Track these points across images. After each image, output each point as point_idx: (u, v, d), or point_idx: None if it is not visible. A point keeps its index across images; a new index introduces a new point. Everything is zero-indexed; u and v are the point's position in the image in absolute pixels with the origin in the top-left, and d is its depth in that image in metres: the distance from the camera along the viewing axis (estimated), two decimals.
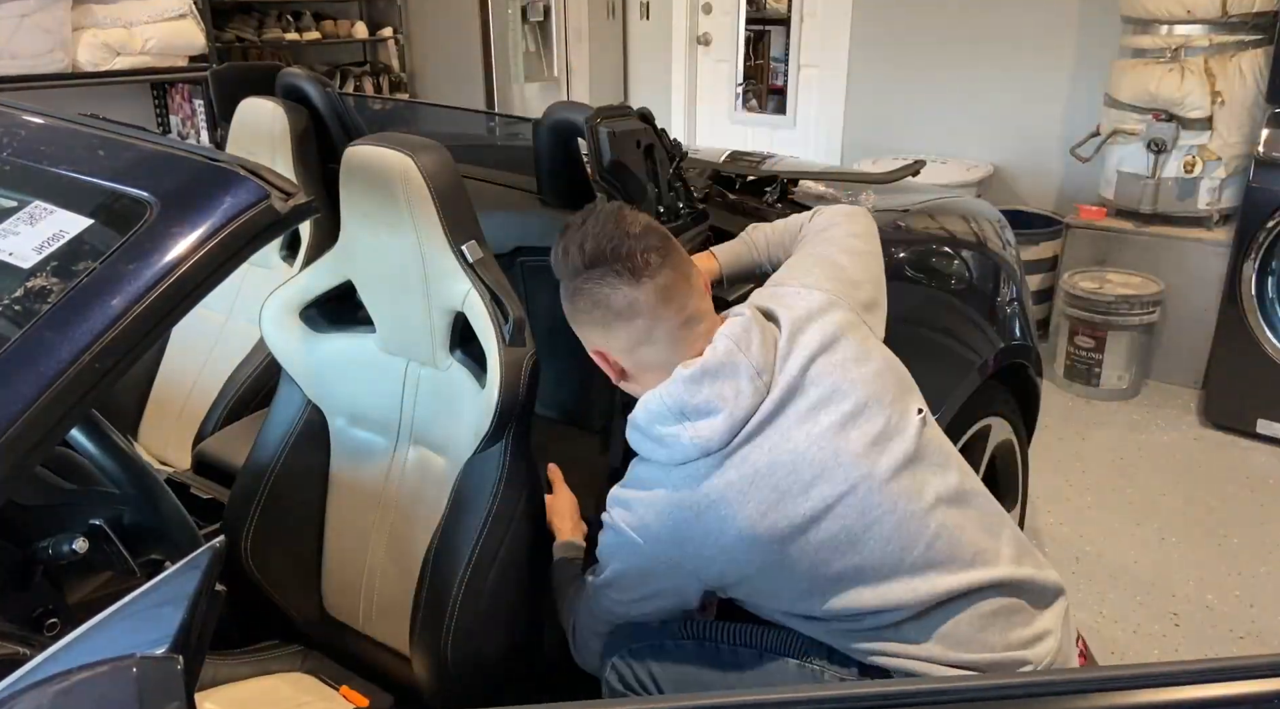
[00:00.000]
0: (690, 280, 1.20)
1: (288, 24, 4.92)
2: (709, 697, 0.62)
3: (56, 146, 1.13)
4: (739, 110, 5.31)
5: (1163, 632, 2.35)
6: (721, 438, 1.14)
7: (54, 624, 1.14)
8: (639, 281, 1.15)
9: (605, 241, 1.16)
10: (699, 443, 1.15)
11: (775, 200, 1.89)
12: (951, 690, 0.62)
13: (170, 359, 2.21)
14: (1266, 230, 3.09)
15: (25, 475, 0.89)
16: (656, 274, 1.15)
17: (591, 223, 1.18)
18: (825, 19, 4.72)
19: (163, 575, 0.78)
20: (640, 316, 1.16)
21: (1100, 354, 3.53)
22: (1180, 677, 0.58)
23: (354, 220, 1.41)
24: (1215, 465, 3.13)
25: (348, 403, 1.52)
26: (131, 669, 0.62)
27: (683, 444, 1.15)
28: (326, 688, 1.50)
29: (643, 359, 1.20)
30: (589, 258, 1.16)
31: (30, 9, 3.67)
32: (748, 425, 1.15)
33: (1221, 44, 3.33)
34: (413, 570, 1.45)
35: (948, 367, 1.95)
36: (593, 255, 1.16)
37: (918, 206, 2.08)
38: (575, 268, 1.18)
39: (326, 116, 2.07)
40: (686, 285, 1.18)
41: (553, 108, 1.63)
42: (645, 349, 1.19)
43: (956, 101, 4.39)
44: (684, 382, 1.15)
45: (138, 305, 0.91)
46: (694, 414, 1.15)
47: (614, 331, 1.19)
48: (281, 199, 0.99)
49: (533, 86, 5.31)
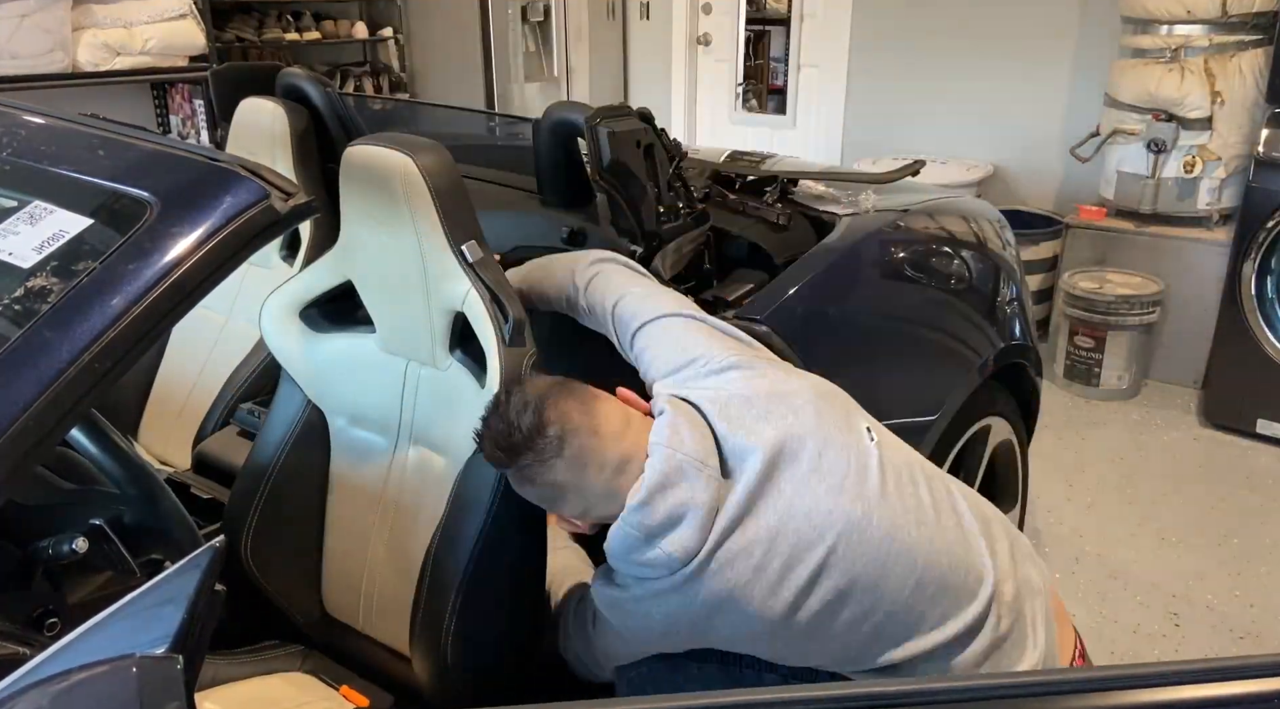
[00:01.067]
0: (598, 434, 1.17)
1: (288, 24, 4.92)
2: (708, 696, 0.61)
3: (57, 146, 1.13)
4: (739, 110, 5.31)
5: (1163, 632, 2.35)
6: (698, 540, 1.13)
7: (54, 624, 1.14)
8: (548, 464, 1.16)
9: (502, 441, 1.18)
10: (679, 554, 1.14)
11: (775, 200, 1.89)
12: (952, 690, 0.62)
13: (170, 359, 2.21)
14: (1266, 230, 3.09)
15: (25, 475, 0.89)
16: (562, 448, 1.16)
17: (495, 419, 1.19)
18: (825, 19, 4.72)
19: (163, 575, 0.78)
20: (568, 490, 1.18)
21: (1100, 354, 3.53)
22: (1180, 677, 0.58)
23: (354, 220, 1.40)
24: (1215, 465, 3.13)
25: (348, 403, 1.52)
26: (131, 669, 0.62)
27: (664, 559, 1.15)
28: (326, 688, 1.50)
29: (599, 515, 1.21)
30: (499, 459, 1.20)
31: (30, 9, 3.67)
32: (720, 518, 1.14)
33: (1221, 44, 3.33)
34: (413, 570, 1.44)
35: (947, 367, 1.95)
36: (501, 458, 1.19)
37: (917, 206, 2.08)
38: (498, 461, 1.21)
39: (326, 116, 2.07)
40: (596, 440, 1.17)
41: (552, 108, 1.63)
42: (595, 511, 1.21)
43: (956, 101, 4.39)
44: (637, 509, 1.15)
45: (138, 305, 0.91)
46: (661, 532, 1.14)
47: (558, 506, 1.23)
48: (281, 199, 0.99)
49: (533, 86, 5.31)
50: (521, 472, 1.19)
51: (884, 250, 1.91)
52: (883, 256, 1.90)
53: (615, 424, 1.19)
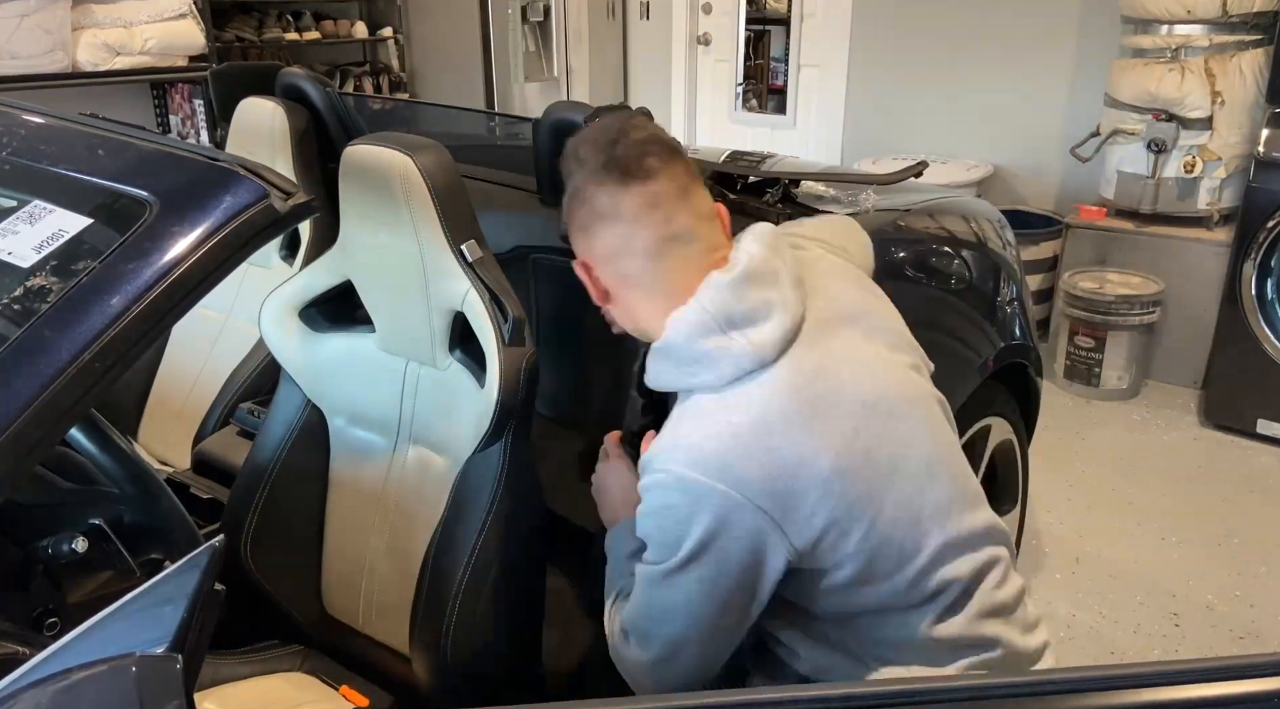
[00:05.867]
0: (688, 197, 1.09)
1: (288, 24, 4.92)
2: (707, 695, 0.61)
3: (56, 146, 1.13)
4: (739, 110, 5.31)
5: (1163, 632, 2.35)
6: (778, 344, 1.04)
7: (54, 623, 1.14)
8: (626, 185, 1.06)
9: (603, 140, 1.08)
10: (753, 352, 1.03)
11: (777, 200, 1.89)
12: (952, 689, 0.62)
13: (170, 359, 2.21)
14: (1266, 230, 3.09)
15: (25, 475, 0.89)
16: (648, 180, 1.06)
17: (600, 121, 1.12)
18: (825, 19, 4.72)
19: (162, 574, 0.78)
20: (621, 222, 1.07)
21: (1100, 354, 3.53)
22: (1180, 676, 0.58)
23: (353, 220, 1.41)
24: (1215, 465, 3.13)
25: (347, 402, 1.52)
26: (131, 668, 0.62)
27: (734, 355, 1.03)
28: (326, 688, 1.50)
29: (623, 271, 1.11)
30: (584, 156, 1.09)
31: (30, 9, 3.67)
32: (800, 335, 1.07)
33: (1221, 44, 3.33)
34: (412, 570, 1.44)
35: (948, 366, 1.95)
36: (587, 154, 1.09)
37: (918, 206, 2.08)
38: (570, 167, 1.11)
39: (326, 116, 2.07)
40: (682, 201, 1.08)
41: (552, 107, 1.63)
42: (624, 260, 1.10)
43: (957, 101, 4.39)
44: (728, 286, 1.05)
45: (137, 304, 0.91)
46: (743, 321, 1.04)
47: (594, 235, 1.10)
48: (281, 198, 0.99)
49: (533, 86, 5.31)
50: (592, 178, 1.08)
51: (884, 250, 1.90)
52: (883, 256, 1.90)
53: (704, 206, 1.11)
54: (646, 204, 1.06)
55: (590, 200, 1.09)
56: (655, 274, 1.09)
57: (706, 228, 1.11)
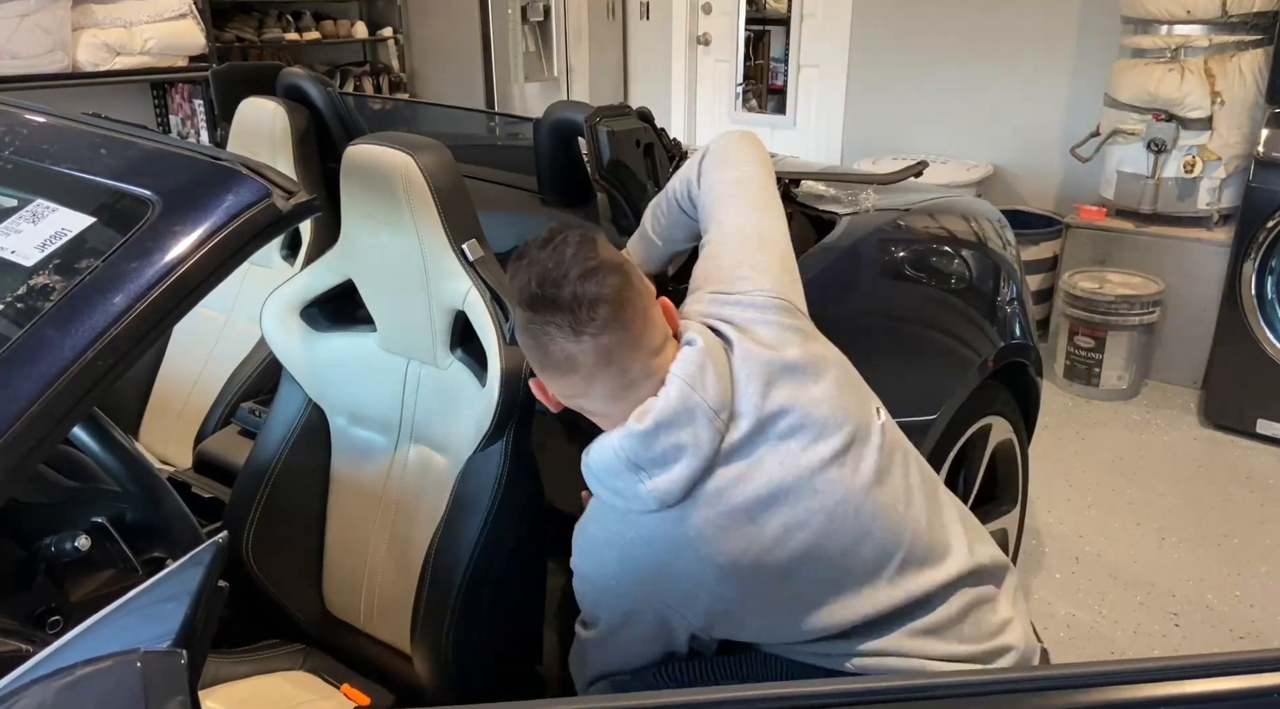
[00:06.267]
0: (640, 342, 1.08)
1: (288, 24, 4.92)
2: (707, 692, 0.62)
3: (59, 145, 1.14)
4: (739, 110, 5.31)
5: (1163, 632, 2.35)
6: (682, 488, 1.09)
7: (56, 621, 1.15)
8: (578, 338, 1.04)
9: (549, 285, 1.04)
10: (658, 495, 1.09)
11: None
12: (950, 686, 0.62)
13: (171, 358, 2.21)
14: (1266, 230, 3.09)
15: (28, 473, 0.90)
16: (600, 333, 1.04)
17: (547, 254, 1.06)
18: (825, 19, 4.72)
19: (166, 571, 0.78)
20: (576, 373, 1.08)
21: (1100, 354, 3.53)
22: (1177, 672, 0.59)
23: (354, 219, 1.41)
24: (1215, 465, 3.13)
25: (348, 402, 1.52)
26: (135, 663, 0.62)
27: (640, 496, 1.10)
28: (328, 686, 1.50)
29: (580, 405, 1.14)
30: (530, 299, 1.05)
31: (30, 9, 3.68)
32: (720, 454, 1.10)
33: (1221, 44, 3.34)
34: (414, 569, 1.45)
35: (948, 366, 1.95)
36: (533, 298, 1.05)
37: (918, 206, 2.08)
38: (518, 302, 1.08)
39: (327, 116, 2.07)
40: (634, 350, 1.07)
41: (553, 107, 1.63)
42: (582, 400, 1.13)
43: (956, 101, 4.39)
44: (638, 437, 1.07)
45: (140, 303, 0.92)
46: (650, 466, 1.08)
47: (550, 377, 1.11)
48: (283, 197, 0.99)
49: (533, 86, 5.31)
50: (543, 327, 1.05)
51: (884, 249, 1.91)
52: (883, 256, 1.90)
53: (656, 340, 1.10)
54: (600, 361, 1.06)
55: (546, 347, 1.07)
56: (611, 410, 1.12)
57: (658, 361, 1.11)
